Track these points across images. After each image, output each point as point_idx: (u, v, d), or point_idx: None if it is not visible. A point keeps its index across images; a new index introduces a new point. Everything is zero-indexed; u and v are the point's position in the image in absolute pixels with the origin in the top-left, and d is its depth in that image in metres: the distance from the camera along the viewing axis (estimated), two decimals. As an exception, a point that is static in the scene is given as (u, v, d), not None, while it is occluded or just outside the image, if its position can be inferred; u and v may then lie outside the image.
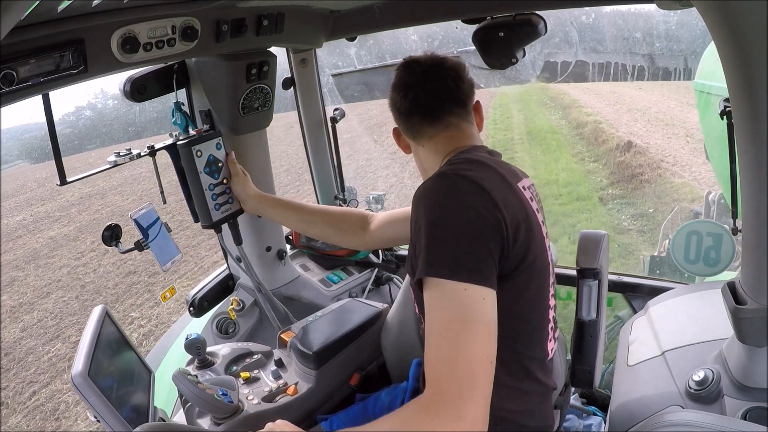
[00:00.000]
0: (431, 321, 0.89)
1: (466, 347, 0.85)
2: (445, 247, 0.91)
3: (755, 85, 0.84)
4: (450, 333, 0.86)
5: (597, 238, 1.36)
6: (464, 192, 0.95)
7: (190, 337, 1.38)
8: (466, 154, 1.11)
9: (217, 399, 1.21)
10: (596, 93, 13.07)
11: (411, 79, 1.19)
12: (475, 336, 0.86)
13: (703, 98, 4.66)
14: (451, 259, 0.90)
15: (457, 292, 0.88)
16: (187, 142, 1.57)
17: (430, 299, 0.90)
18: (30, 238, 10.64)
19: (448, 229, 0.92)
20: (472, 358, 0.85)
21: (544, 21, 1.45)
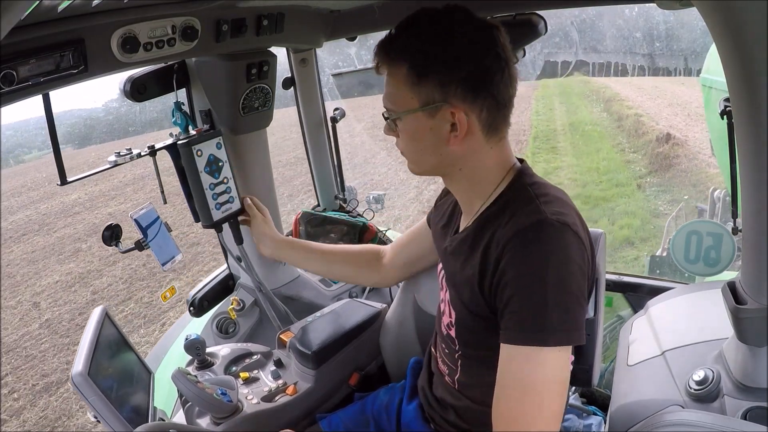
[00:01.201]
0: (531, 386, 0.90)
1: (556, 407, 0.92)
2: (560, 314, 0.89)
3: (755, 85, 0.84)
4: (554, 396, 0.90)
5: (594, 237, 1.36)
6: (573, 248, 0.92)
7: (189, 338, 1.39)
8: (539, 182, 1.03)
9: (216, 398, 1.21)
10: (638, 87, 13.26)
11: (507, 54, 0.98)
12: (560, 391, 0.92)
13: (709, 93, 4.65)
14: (564, 327, 0.90)
15: (560, 357, 0.90)
16: (187, 141, 1.57)
17: (536, 364, 0.89)
18: (88, 214, 10.92)
19: (565, 293, 0.89)
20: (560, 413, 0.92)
21: (545, 21, 1.45)
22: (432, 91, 0.96)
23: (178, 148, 1.59)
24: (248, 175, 1.86)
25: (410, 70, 0.96)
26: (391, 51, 0.98)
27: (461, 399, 1.16)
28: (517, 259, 0.91)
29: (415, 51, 0.95)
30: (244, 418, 1.28)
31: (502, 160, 1.05)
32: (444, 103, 0.96)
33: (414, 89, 0.97)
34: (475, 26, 0.96)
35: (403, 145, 1.06)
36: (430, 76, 0.95)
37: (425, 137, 1.00)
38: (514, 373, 0.91)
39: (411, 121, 1.00)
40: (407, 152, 1.07)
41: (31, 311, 6.93)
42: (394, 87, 0.99)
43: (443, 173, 1.07)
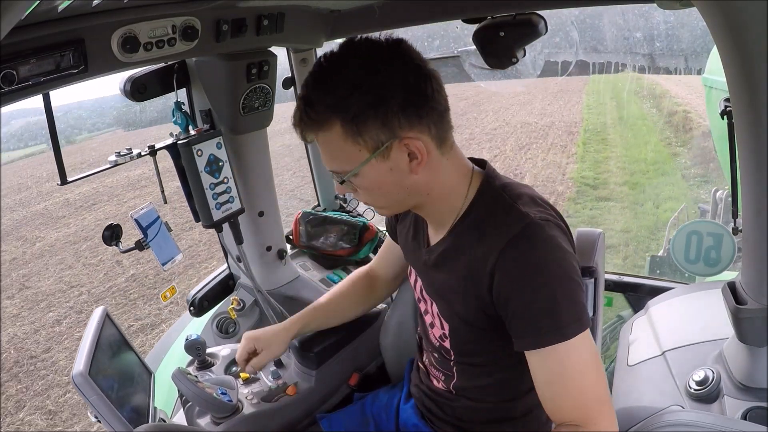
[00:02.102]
0: (580, 371, 0.92)
1: (603, 375, 0.95)
2: (570, 305, 0.92)
3: (755, 85, 0.84)
4: (592, 373, 0.93)
5: (592, 237, 1.36)
6: (562, 240, 0.95)
7: (190, 338, 1.39)
8: (508, 183, 1.03)
9: (216, 398, 1.21)
10: (687, 85, 13.73)
11: (422, 60, 0.95)
12: (601, 367, 0.95)
13: (711, 93, 4.69)
14: (577, 316, 0.92)
15: (584, 341, 0.92)
16: (187, 141, 1.57)
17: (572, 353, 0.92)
18: (155, 187, 11.33)
19: (570, 285, 0.92)
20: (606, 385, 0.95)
21: (545, 21, 1.45)
22: (377, 134, 0.91)
23: (178, 148, 1.59)
24: (248, 175, 1.86)
25: (345, 125, 0.91)
26: (315, 116, 0.92)
27: (458, 400, 1.17)
28: (515, 268, 0.92)
29: (341, 104, 0.90)
30: (244, 418, 1.28)
31: (460, 168, 1.03)
32: (393, 139, 0.92)
33: (358, 140, 0.91)
34: (380, 51, 0.92)
35: (367, 197, 1.02)
36: (368, 121, 0.90)
37: (387, 180, 0.96)
38: (552, 373, 0.93)
39: (368, 172, 0.95)
40: (374, 202, 1.03)
41: (115, 268, 7.40)
42: (335, 147, 0.94)
43: (417, 203, 1.03)
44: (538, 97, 14.02)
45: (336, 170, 0.98)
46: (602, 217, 7.88)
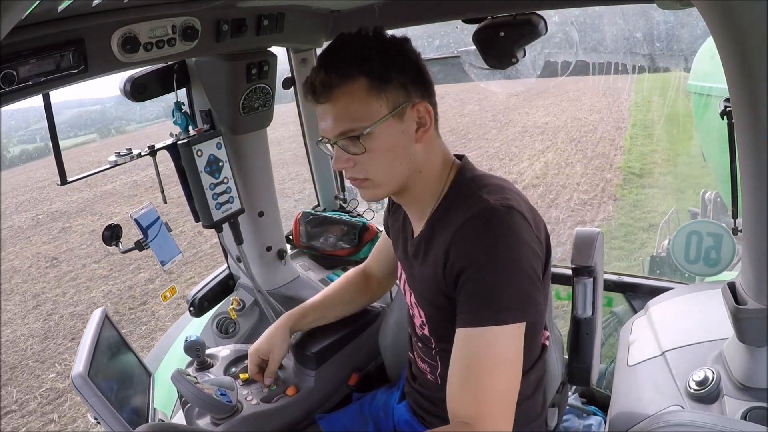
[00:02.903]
0: (495, 362, 0.92)
1: (517, 378, 0.94)
2: (513, 292, 0.92)
3: (755, 85, 0.84)
4: (508, 370, 0.93)
5: (591, 236, 1.36)
6: (521, 228, 0.95)
7: (189, 339, 1.38)
8: (480, 175, 1.07)
9: (215, 399, 1.21)
10: None
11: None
12: (517, 368, 0.95)
13: (698, 99, 4.78)
14: (517, 305, 0.92)
15: (515, 334, 0.93)
16: (187, 141, 1.57)
17: (495, 342, 0.92)
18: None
19: (516, 273, 0.92)
20: (516, 388, 0.94)
21: (545, 21, 1.45)
22: (396, 94, 0.98)
23: (178, 148, 1.59)
24: (248, 175, 1.86)
25: (371, 79, 0.96)
26: (342, 68, 0.96)
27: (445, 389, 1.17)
28: (466, 247, 0.94)
29: (368, 60, 0.96)
30: (243, 419, 1.28)
31: (445, 155, 1.09)
32: (408, 102, 0.99)
33: (380, 96, 0.97)
34: (392, 37, 1.02)
35: (372, 164, 1.01)
36: (392, 79, 0.97)
37: (399, 143, 1.00)
38: (475, 354, 0.92)
39: (384, 130, 0.98)
40: (377, 170, 1.02)
41: (197, 237, 7.88)
42: (357, 102, 0.97)
43: (408, 182, 1.06)
44: (587, 95, 14.33)
45: (350, 128, 0.98)
46: (646, 200, 8.04)
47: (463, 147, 11.14)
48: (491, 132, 11.74)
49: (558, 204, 8.02)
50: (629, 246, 6.46)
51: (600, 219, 7.51)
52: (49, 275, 7.84)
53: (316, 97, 0.99)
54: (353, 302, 1.47)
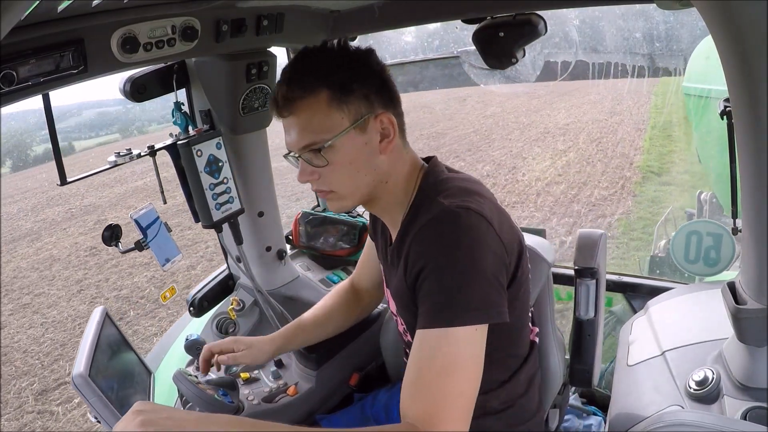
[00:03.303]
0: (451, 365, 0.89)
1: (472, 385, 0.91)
2: (468, 294, 0.90)
3: (755, 85, 0.84)
4: (462, 375, 0.89)
5: (594, 238, 1.36)
6: (480, 229, 0.93)
7: (190, 338, 1.39)
8: (444, 178, 1.06)
9: (217, 399, 1.21)
10: None
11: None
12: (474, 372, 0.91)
13: (693, 101, 4.87)
14: (473, 307, 0.90)
15: (473, 336, 0.91)
16: (187, 141, 1.57)
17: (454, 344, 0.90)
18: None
19: (472, 275, 0.90)
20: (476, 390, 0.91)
21: (544, 21, 1.45)
22: (359, 105, 0.98)
23: (178, 148, 1.59)
24: (248, 175, 1.86)
25: (332, 92, 0.96)
26: (304, 81, 0.97)
27: None
28: (423, 249, 0.93)
29: (330, 73, 0.97)
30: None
31: (413, 162, 1.09)
32: (371, 113, 0.99)
33: (342, 108, 0.97)
34: (356, 48, 1.03)
35: (335, 176, 1.01)
36: (354, 91, 0.97)
37: (361, 155, 1.00)
38: (428, 356, 0.90)
39: (346, 142, 0.98)
40: (341, 183, 1.02)
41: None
42: (319, 115, 0.97)
43: (375, 193, 1.06)
44: (608, 98, 14.68)
45: (313, 141, 0.98)
46: (664, 197, 8.24)
47: (487, 146, 11.51)
48: (514, 132, 12.04)
49: (579, 199, 8.28)
50: (647, 237, 6.65)
51: (619, 213, 7.70)
52: (90, 263, 8.12)
53: (279, 111, 1.00)
54: (345, 319, 1.43)
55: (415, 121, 12.99)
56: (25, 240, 10.23)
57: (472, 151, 11.46)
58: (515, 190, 8.98)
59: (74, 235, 9.79)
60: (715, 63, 3.40)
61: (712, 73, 4.49)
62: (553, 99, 15.59)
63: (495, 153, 10.86)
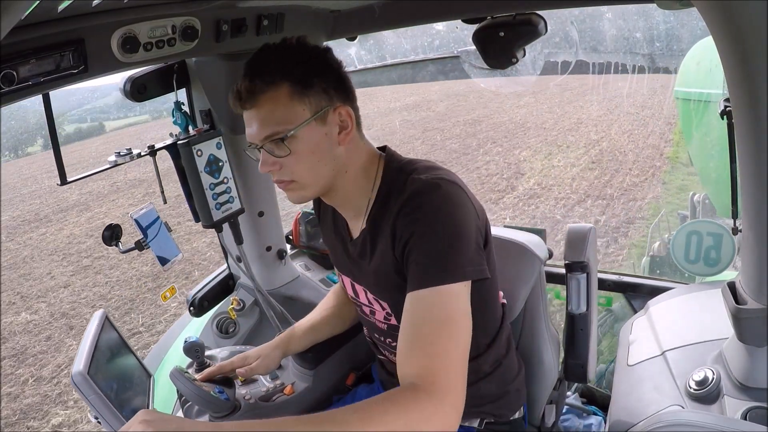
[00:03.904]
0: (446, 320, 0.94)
1: (465, 338, 0.95)
2: (454, 254, 0.97)
3: (755, 85, 0.84)
4: (453, 329, 0.94)
5: (583, 232, 1.36)
6: (456, 197, 1.00)
7: (188, 340, 1.38)
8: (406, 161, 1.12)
9: (213, 396, 1.21)
10: None
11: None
12: (466, 326, 0.97)
13: (683, 105, 5.03)
14: (459, 264, 0.96)
15: (462, 293, 0.97)
16: (187, 141, 1.57)
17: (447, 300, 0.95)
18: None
19: (457, 236, 0.97)
20: (469, 344, 0.96)
21: (545, 21, 1.45)
22: (319, 98, 1.03)
23: (178, 148, 1.59)
24: (248, 175, 1.86)
25: (293, 85, 1.01)
26: (266, 75, 1.01)
27: None
28: (409, 219, 0.99)
29: (292, 67, 1.01)
30: (241, 417, 1.28)
31: (370, 152, 1.14)
32: (330, 106, 1.04)
33: (303, 101, 1.02)
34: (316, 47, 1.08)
35: (297, 166, 1.05)
36: (314, 84, 1.02)
37: (321, 145, 1.05)
38: (423, 314, 0.95)
39: (306, 133, 1.03)
40: (303, 172, 1.06)
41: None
42: (281, 107, 1.01)
43: (335, 182, 1.10)
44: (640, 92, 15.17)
45: (275, 131, 1.02)
46: (691, 185, 8.53)
47: (522, 134, 11.96)
48: (548, 122, 12.61)
49: (612, 184, 8.78)
50: (674, 220, 6.94)
51: (650, 197, 8.17)
52: (146, 230, 8.68)
53: (242, 104, 1.04)
54: (344, 322, 1.45)
55: (450, 109, 13.55)
56: (75, 210, 10.52)
57: (508, 137, 11.82)
58: (551, 174, 9.43)
59: (124, 206, 10.08)
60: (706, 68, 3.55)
61: (702, 77, 4.71)
62: (584, 91, 15.93)
63: (531, 140, 11.22)
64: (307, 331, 1.40)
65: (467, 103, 13.24)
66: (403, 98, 12.01)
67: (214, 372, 1.28)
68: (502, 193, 8.84)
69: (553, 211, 7.92)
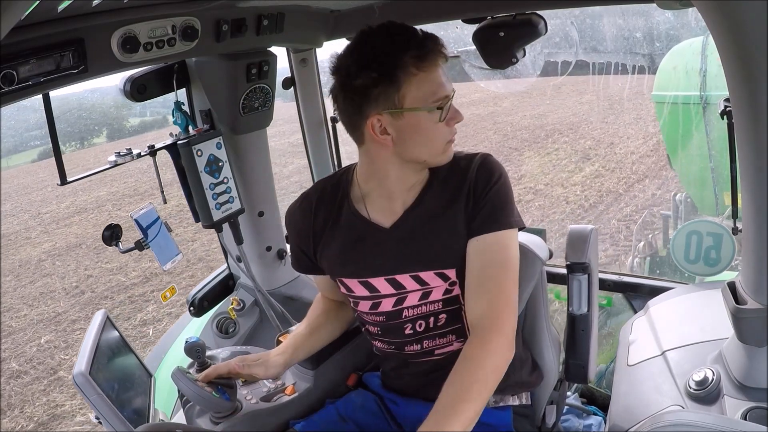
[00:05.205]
0: (506, 261, 1.10)
1: (517, 278, 1.12)
2: (513, 207, 1.15)
3: (755, 85, 0.84)
4: (513, 271, 1.11)
5: (585, 233, 1.36)
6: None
7: (189, 341, 1.38)
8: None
9: (215, 397, 1.21)
10: None
11: None
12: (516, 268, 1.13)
13: (661, 108, 5.20)
14: (517, 215, 1.15)
15: (517, 237, 1.16)
16: (187, 141, 1.57)
17: (507, 244, 1.11)
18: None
19: (511, 193, 1.16)
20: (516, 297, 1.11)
21: (544, 21, 1.45)
22: None
23: (178, 148, 1.59)
24: (248, 174, 1.86)
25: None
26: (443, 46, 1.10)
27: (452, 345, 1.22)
28: (487, 180, 1.14)
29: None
30: (243, 418, 1.27)
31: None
32: None
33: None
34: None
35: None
36: None
37: None
38: (487, 258, 1.10)
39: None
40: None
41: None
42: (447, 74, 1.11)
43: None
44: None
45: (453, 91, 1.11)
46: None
47: (586, 126, 12.59)
48: (609, 117, 13.05)
49: (667, 168, 8.93)
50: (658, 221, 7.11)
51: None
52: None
53: (442, 56, 1.09)
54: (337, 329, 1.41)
55: (515, 105, 14.58)
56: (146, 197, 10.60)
57: (573, 129, 12.41)
58: (614, 159, 10.08)
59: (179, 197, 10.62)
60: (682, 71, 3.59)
61: (679, 80, 4.94)
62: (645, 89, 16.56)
63: (594, 132, 11.87)
64: (308, 339, 1.35)
65: (531, 100, 14.22)
66: (469, 95, 13.18)
67: (210, 374, 1.26)
68: (570, 173, 9.62)
69: (617, 186, 8.76)
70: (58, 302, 7.11)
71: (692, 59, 4.78)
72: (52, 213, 11.42)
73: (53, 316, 6.75)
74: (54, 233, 10.14)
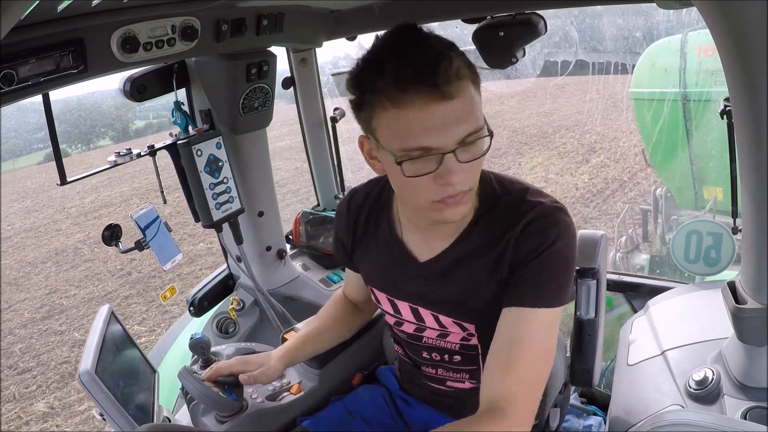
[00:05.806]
0: (541, 342, 0.96)
1: (551, 366, 0.99)
2: (564, 281, 0.98)
3: (755, 84, 0.84)
4: (544, 353, 0.97)
5: (595, 239, 1.36)
6: (571, 227, 1.00)
7: (194, 337, 1.38)
8: (498, 174, 1.07)
9: (222, 397, 1.21)
10: None
11: None
12: (547, 353, 0.99)
13: (638, 105, 5.37)
14: (564, 291, 0.98)
15: (557, 317, 0.99)
16: (187, 141, 1.57)
17: (547, 324, 0.97)
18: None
19: (570, 264, 0.99)
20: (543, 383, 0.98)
21: (544, 20, 1.45)
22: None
23: (178, 148, 1.59)
24: (248, 174, 1.86)
25: (473, 83, 0.87)
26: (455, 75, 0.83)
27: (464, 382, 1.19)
28: (535, 242, 0.97)
29: (468, 66, 0.87)
30: (248, 417, 1.28)
31: None
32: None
33: (478, 97, 0.89)
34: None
35: (476, 168, 0.93)
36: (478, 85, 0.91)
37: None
38: (517, 334, 0.95)
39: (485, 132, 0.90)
40: (474, 177, 0.93)
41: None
42: (474, 103, 0.86)
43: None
44: None
45: (475, 128, 0.87)
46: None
47: (591, 123, 12.93)
48: (612, 114, 13.43)
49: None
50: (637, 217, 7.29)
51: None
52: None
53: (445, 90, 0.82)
54: (347, 330, 1.40)
55: (522, 103, 14.92)
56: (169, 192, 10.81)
57: (579, 126, 12.79)
58: (618, 152, 10.56)
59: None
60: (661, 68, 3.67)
61: (657, 78, 5.02)
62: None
63: (598, 128, 12.34)
64: (313, 341, 1.35)
65: (537, 99, 14.70)
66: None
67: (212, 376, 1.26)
68: (579, 164, 10.07)
69: (621, 175, 9.29)
70: (105, 282, 7.25)
71: (670, 57, 4.83)
72: (77, 207, 11.52)
73: (103, 294, 6.91)
74: (85, 225, 10.24)
